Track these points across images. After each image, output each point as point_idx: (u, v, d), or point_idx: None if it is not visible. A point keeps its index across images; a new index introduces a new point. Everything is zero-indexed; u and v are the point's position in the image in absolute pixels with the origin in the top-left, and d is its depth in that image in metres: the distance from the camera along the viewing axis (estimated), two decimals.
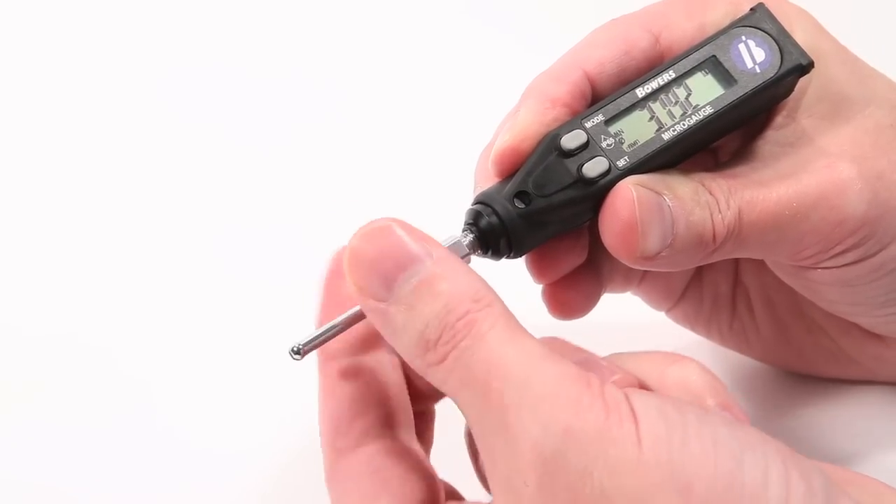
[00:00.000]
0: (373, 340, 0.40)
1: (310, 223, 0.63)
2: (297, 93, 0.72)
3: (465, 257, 0.41)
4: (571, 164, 0.41)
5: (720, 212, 0.41)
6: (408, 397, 0.41)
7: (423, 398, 0.42)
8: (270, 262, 0.61)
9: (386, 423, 0.39)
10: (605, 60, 0.43)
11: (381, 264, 0.36)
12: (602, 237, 0.41)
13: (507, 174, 0.42)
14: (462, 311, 0.35)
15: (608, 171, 0.41)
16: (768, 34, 0.43)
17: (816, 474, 0.33)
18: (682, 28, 0.44)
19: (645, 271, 0.49)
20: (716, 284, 0.51)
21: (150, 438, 0.53)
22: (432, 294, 0.35)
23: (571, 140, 0.41)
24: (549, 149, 0.41)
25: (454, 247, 0.40)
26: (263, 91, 0.73)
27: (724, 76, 0.42)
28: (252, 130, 0.70)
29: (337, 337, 0.39)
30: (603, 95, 0.43)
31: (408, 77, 0.73)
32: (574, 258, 0.44)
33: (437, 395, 0.42)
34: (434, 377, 0.35)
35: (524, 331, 0.35)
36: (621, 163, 0.41)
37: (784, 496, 0.32)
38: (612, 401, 0.33)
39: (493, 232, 0.41)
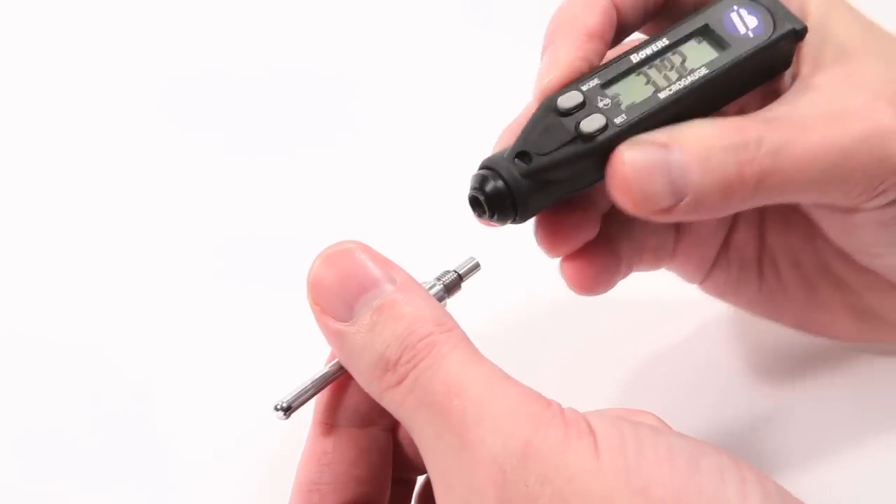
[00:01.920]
0: (364, 412, 0.39)
1: (308, 227, 0.63)
2: (297, 95, 0.72)
3: (471, 273, 0.41)
4: (569, 122, 0.41)
5: (750, 153, 0.41)
6: (389, 474, 0.40)
7: (409, 468, 0.41)
8: (270, 267, 0.61)
9: (359, 499, 0.39)
10: None
11: (343, 286, 0.36)
12: (612, 200, 0.42)
13: None
14: (424, 333, 0.35)
15: (606, 127, 0.41)
16: (759, 3, 0.44)
17: (770, 481, 0.33)
18: None
19: (676, 245, 0.49)
20: (741, 250, 0.51)
21: (147, 444, 0.53)
22: (394, 316, 0.35)
23: (568, 100, 0.42)
24: (545, 110, 0.42)
25: (433, 291, 0.40)
26: (262, 92, 0.72)
27: (718, 42, 0.43)
28: (251, 133, 0.70)
29: (329, 408, 0.38)
30: (628, 26, 0.44)
31: (408, 79, 0.73)
32: (585, 232, 0.45)
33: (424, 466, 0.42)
34: (391, 400, 0.35)
35: (484, 357, 0.35)
36: (619, 120, 0.41)
37: (742, 497, 0.32)
38: (571, 418, 0.33)
39: (498, 195, 0.41)
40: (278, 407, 0.37)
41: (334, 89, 0.72)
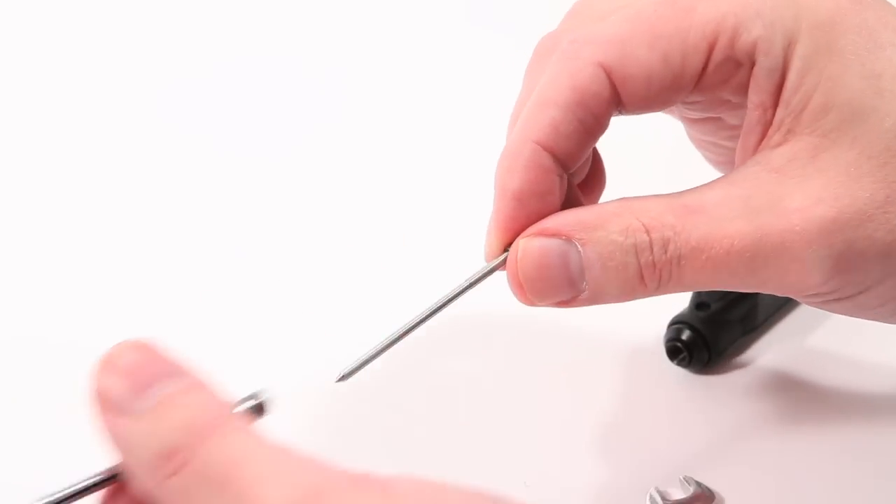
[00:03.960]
0: None
1: (309, 229, 0.63)
2: (301, 95, 0.72)
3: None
4: None
5: (653, 255, 0.39)
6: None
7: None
8: (268, 267, 0.61)
9: None
10: (557, 122, 0.41)
11: (131, 375, 0.33)
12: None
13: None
14: (210, 417, 0.33)
15: None
16: None
17: None
18: (642, 61, 0.40)
19: None
20: None
21: None
22: (182, 405, 0.33)
23: None
24: None
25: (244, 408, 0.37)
26: (262, 94, 0.73)
27: None
28: (251, 135, 0.70)
29: None
30: (568, 154, 0.41)
31: (412, 81, 0.73)
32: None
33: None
34: (172, 487, 0.32)
35: (271, 439, 0.33)
36: None
37: None
38: (361, 472, 0.31)
39: (693, 340, 0.51)
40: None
41: (336, 90, 0.73)
